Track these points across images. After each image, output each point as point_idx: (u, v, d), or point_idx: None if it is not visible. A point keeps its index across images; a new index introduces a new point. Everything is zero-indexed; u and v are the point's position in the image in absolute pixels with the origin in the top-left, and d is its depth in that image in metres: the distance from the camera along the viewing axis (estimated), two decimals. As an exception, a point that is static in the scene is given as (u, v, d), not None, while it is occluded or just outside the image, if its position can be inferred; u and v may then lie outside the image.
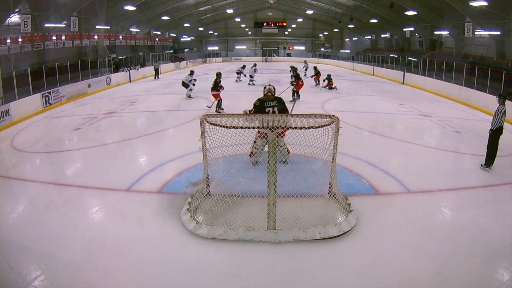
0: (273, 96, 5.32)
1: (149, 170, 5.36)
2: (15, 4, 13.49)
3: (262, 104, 5.13)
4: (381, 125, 8.42)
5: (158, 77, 19.57)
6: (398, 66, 20.05)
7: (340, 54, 34.76)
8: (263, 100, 5.18)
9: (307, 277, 3.01)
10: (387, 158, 6.07)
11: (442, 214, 4.19)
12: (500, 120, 5.37)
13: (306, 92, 14.39)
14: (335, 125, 3.83)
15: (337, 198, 4.11)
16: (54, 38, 16.97)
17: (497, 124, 5.38)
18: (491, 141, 5.48)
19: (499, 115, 5.36)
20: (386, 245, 3.47)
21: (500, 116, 5.35)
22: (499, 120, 5.37)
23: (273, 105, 5.12)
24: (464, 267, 3.16)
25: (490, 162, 5.49)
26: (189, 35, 37.23)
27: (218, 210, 3.86)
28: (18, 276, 3.02)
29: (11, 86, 9.98)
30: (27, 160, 6.21)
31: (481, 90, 11.41)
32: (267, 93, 5.35)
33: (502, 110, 5.37)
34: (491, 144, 5.47)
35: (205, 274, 3.04)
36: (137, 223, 3.89)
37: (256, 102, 5.19)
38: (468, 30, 17.83)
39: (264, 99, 5.22)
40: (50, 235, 3.61)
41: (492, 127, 5.44)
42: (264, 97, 5.27)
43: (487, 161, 5.50)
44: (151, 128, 8.19)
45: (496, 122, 5.38)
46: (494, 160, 5.49)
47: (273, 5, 35.08)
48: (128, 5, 19.65)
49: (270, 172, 3.43)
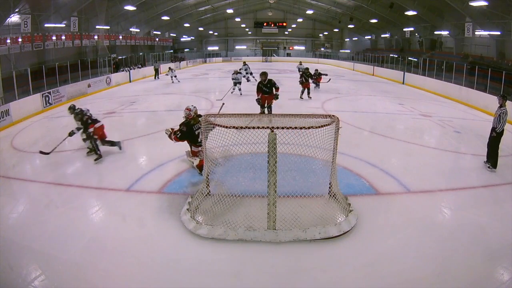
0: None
1: (149, 170, 5.36)
2: (15, 4, 13.49)
3: (191, 128, 5.01)
4: (381, 125, 8.42)
5: (158, 77, 19.58)
6: (398, 66, 20.05)
7: (340, 54, 34.78)
8: (192, 124, 5.02)
9: (307, 277, 3.01)
10: (387, 158, 6.07)
11: (442, 214, 4.19)
12: (505, 122, 5.40)
13: (304, 92, 14.38)
14: (335, 125, 3.83)
15: (337, 198, 4.11)
16: (54, 38, 16.98)
17: (502, 126, 5.39)
18: (496, 142, 5.46)
19: (503, 117, 5.36)
20: (386, 245, 3.47)
21: (505, 118, 5.38)
22: (504, 122, 5.39)
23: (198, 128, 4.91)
24: (464, 267, 3.16)
25: (496, 163, 5.46)
26: (189, 35, 37.23)
27: (218, 210, 3.86)
28: (18, 276, 3.02)
29: (11, 86, 9.99)
30: (27, 160, 6.22)
31: (481, 90, 11.41)
32: (194, 116, 5.10)
33: (505, 111, 5.38)
34: (496, 146, 5.46)
35: (205, 274, 3.04)
36: (137, 223, 3.89)
37: (182, 127, 5.01)
38: (468, 30, 17.84)
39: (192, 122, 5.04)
40: (50, 235, 3.62)
41: (497, 129, 5.42)
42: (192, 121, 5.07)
43: (493, 163, 5.47)
44: (151, 128, 8.19)
45: (502, 124, 5.38)
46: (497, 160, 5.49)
47: (273, 5, 35.08)
48: (128, 5, 19.66)
49: (270, 172, 3.44)
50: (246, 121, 4.02)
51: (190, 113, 5.11)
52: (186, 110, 5.14)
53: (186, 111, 5.13)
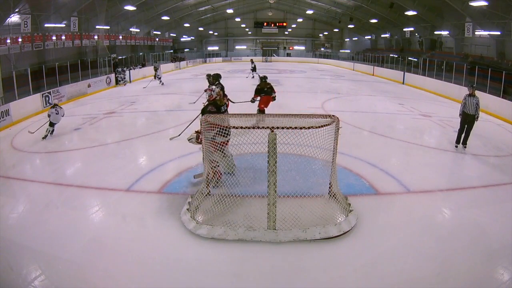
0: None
1: (149, 170, 5.36)
2: (15, 4, 13.47)
3: (219, 109, 4.68)
4: (381, 125, 8.42)
5: (158, 77, 19.53)
6: (398, 66, 20.06)
7: (340, 54, 34.79)
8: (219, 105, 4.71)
9: (307, 277, 3.01)
10: (387, 158, 6.07)
11: (442, 214, 4.19)
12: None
13: (304, 92, 14.42)
14: (335, 125, 3.83)
15: (337, 198, 4.11)
16: (54, 38, 16.96)
17: (479, 111, 6.47)
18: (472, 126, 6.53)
19: (479, 105, 6.42)
20: (386, 245, 3.47)
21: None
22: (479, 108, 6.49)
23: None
24: (464, 267, 3.16)
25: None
26: (189, 35, 37.22)
27: (218, 210, 3.86)
28: (18, 276, 3.02)
29: (11, 86, 9.99)
30: (27, 160, 6.21)
31: (481, 90, 11.39)
32: (216, 97, 4.77)
33: (478, 100, 6.46)
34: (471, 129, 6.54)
35: (205, 274, 3.04)
36: (137, 223, 3.89)
37: (211, 108, 4.61)
38: (468, 30, 17.83)
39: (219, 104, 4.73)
40: (50, 235, 3.61)
41: (477, 115, 6.43)
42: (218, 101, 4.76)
43: (465, 142, 6.56)
44: (151, 128, 8.19)
45: (479, 110, 6.44)
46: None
47: (273, 5, 35.05)
48: (128, 5, 19.64)
49: (270, 172, 3.43)
50: (246, 121, 4.03)
51: (212, 94, 4.66)
52: (208, 91, 4.73)
53: (208, 92, 4.71)
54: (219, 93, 4.80)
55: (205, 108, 4.72)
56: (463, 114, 6.48)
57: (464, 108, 6.47)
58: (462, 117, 6.51)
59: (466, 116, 6.43)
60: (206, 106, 4.76)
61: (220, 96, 4.83)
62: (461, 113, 6.52)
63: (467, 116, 6.42)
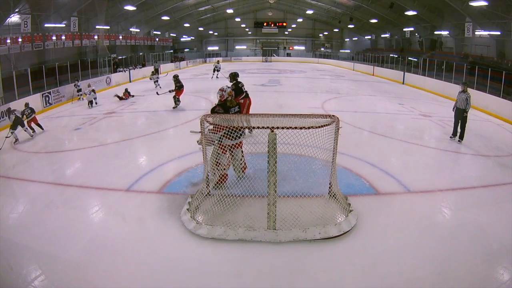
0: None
1: (149, 170, 5.36)
2: (15, 4, 13.48)
3: (227, 110, 4.60)
4: (381, 125, 8.42)
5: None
6: (398, 66, 20.06)
7: (340, 54, 34.77)
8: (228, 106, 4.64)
9: (307, 277, 3.01)
10: (387, 158, 6.07)
11: (442, 214, 4.19)
12: (470, 103, 6.97)
13: (304, 92, 14.43)
14: (335, 125, 3.83)
15: (337, 198, 4.11)
16: (54, 38, 16.97)
17: (469, 106, 6.95)
18: (466, 120, 7.00)
19: (469, 100, 6.91)
20: (386, 245, 3.47)
21: (470, 101, 6.94)
22: (470, 103, 6.95)
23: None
24: (464, 267, 3.16)
25: (463, 136, 7.03)
26: (189, 35, 37.21)
27: (218, 210, 3.86)
28: (18, 276, 3.02)
29: (11, 86, 10.00)
30: (27, 160, 6.22)
31: (481, 90, 11.40)
32: (227, 97, 4.72)
33: (470, 95, 6.96)
34: (466, 123, 7.01)
35: (205, 274, 3.04)
36: (137, 223, 3.89)
37: (218, 109, 4.57)
38: (468, 30, 17.84)
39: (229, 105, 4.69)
40: (50, 235, 3.62)
41: (467, 110, 6.92)
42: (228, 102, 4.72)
43: (462, 136, 7.03)
44: (151, 128, 8.19)
45: (469, 105, 6.93)
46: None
47: (273, 5, 35.07)
48: (128, 5, 19.64)
49: (270, 172, 3.43)
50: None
51: (223, 94, 4.63)
52: (219, 91, 4.68)
53: (219, 92, 4.67)
54: (230, 93, 4.72)
55: (212, 109, 4.67)
56: (456, 109, 7.16)
57: (456, 104, 7.17)
58: (455, 112, 7.21)
59: (458, 111, 7.10)
60: (214, 107, 4.70)
61: (232, 97, 4.75)
62: (454, 108, 7.26)
63: (458, 110, 7.08)
